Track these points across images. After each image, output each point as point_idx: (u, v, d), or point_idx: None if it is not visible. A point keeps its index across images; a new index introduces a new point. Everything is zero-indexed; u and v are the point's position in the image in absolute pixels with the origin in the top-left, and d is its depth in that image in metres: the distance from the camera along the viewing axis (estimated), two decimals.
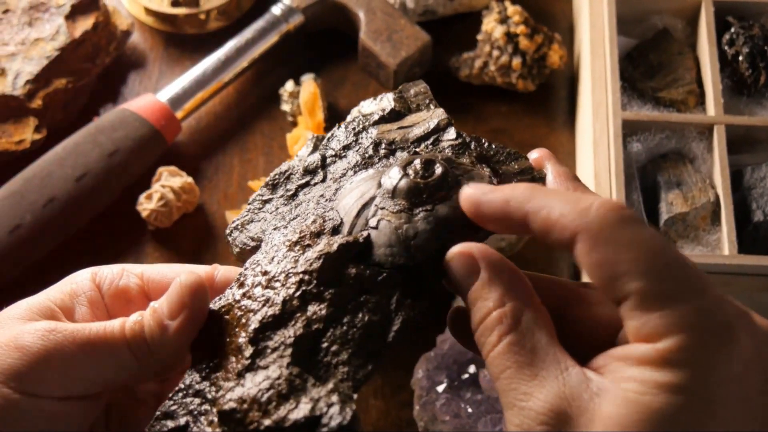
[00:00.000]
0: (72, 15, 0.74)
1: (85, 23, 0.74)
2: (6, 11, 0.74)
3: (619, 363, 0.30)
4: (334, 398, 0.33)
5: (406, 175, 0.36)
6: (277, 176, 0.41)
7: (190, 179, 0.69)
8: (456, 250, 0.34)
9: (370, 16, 0.76)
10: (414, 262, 0.35)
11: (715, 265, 0.59)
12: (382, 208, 0.36)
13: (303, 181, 0.40)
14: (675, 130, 0.65)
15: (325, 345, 0.34)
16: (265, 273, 0.36)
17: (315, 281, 0.35)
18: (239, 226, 0.40)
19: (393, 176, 0.36)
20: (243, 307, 0.36)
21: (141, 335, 0.36)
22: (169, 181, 0.69)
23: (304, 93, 0.67)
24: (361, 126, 0.41)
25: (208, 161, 0.74)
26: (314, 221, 0.37)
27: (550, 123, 0.77)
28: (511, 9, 0.75)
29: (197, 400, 0.35)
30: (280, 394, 0.33)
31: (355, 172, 0.39)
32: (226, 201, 0.72)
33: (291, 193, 0.40)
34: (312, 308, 0.35)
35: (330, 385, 0.33)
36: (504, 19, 0.75)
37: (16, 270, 0.66)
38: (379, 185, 0.37)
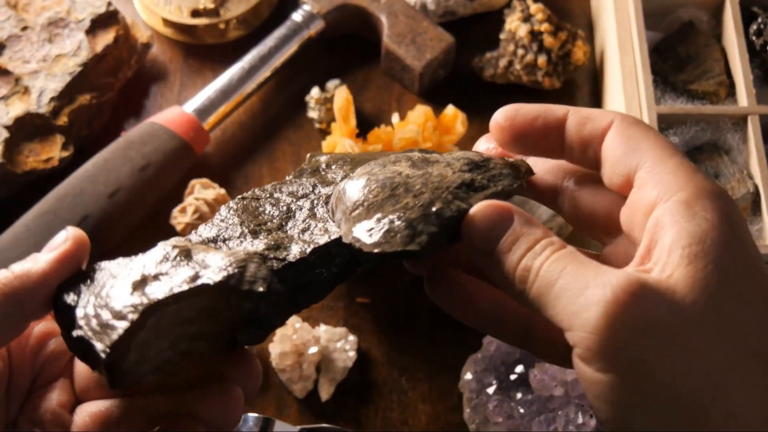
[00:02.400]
0: (92, 29, 0.73)
1: (106, 37, 0.74)
2: (25, 28, 0.73)
3: (657, 234, 0.32)
4: None
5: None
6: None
7: (222, 191, 0.69)
8: (484, 203, 0.35)
9: (392, 20, 0.76)
10: None
11: None
12: None
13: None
14: (710, 122, 0.65)
15: None
16: None
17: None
18: None
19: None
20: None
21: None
22: (202, 193, 0.68)
23: (338, 99, 0.67)
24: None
25: (237, 171, 0.74)
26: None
27: None
28: (534, 7, 0.75)
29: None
30: None
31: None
32: None
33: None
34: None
35: None
36: (527, 18, 0.75)
37: None
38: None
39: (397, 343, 0.66)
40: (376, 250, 0.34)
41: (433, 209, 0.35)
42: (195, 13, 0.77)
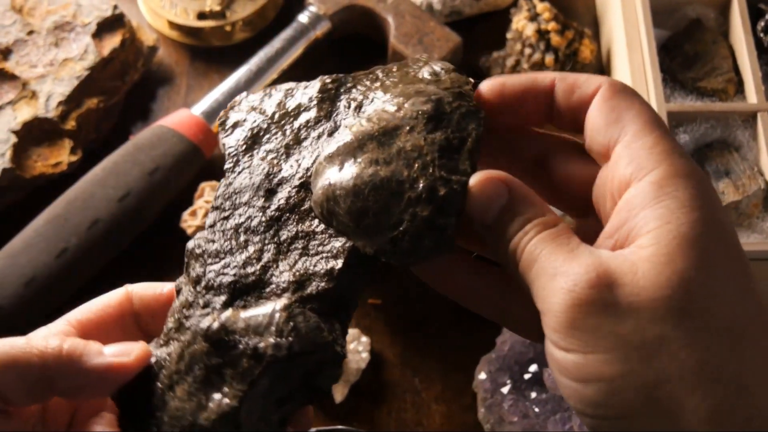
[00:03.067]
0: (98, 33, 0.73)
1: (113, 41, 0.73)
2: (30, 32, 0.73)
3: (629, 217, 0.32)
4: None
5: None
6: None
7: None
8: (480, 176, 0.35)
9: (399, 20, 0.76)
10: None
11: None
12: None
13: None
14: (719, 120, 0.65)
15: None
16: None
17: None
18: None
19: None
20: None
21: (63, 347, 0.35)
22: (212, 196, 0.68)
23: None
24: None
25: None
26: None
27: None
28: (540, 6, 0.75)
29: None
30: None
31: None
32: None
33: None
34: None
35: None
36: (534, 17, 0.75)
37: (65, 295, 0.65)
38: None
39: (409, 344, 0.66)
40: (410, 260, 0.34)
41: (440, 195, 0.35)
42: (201, 16, 0.77)
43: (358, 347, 0.64)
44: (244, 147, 0.40)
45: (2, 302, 0.61)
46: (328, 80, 0.40)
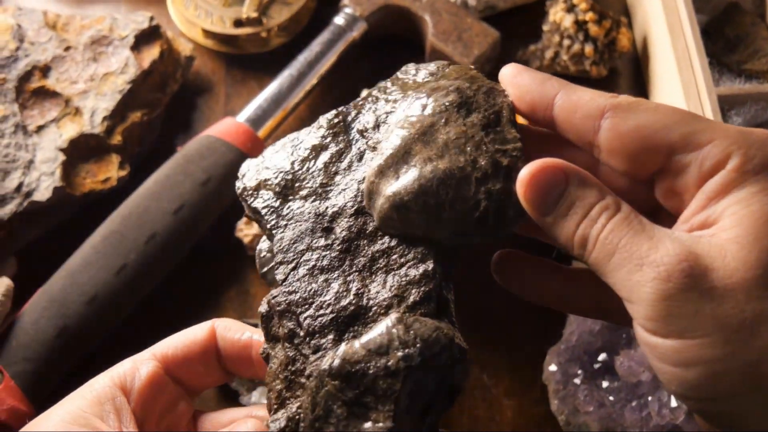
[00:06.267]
0: (137, 46, 0.73)
1: (151, 53, 0.73)
2: (68, 48, 0.72)
3: (709, 203, 0.33)
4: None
5: None
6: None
7: None
8: (535, 165, 0.34)
9: (436, 18, 0.76)
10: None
11: None
12: None
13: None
14: None
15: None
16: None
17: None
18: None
19: None
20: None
21: None
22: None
23: None
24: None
25: None
26: None
27: None
28: None
29: None
30: None
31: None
32: None
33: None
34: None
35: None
36: (571, 8, 0.75)
37: (127, 310, 0.64)
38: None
39: (475, 341, 0.66)
40: (499, 233, 0.36)
41: (505, 165, 0.36)
42: (238, 23, 0.76)
43: None
44: (278, 202, 0.40)
45: (66, 321, 0.61)
46: (331, 116, 0.41)
